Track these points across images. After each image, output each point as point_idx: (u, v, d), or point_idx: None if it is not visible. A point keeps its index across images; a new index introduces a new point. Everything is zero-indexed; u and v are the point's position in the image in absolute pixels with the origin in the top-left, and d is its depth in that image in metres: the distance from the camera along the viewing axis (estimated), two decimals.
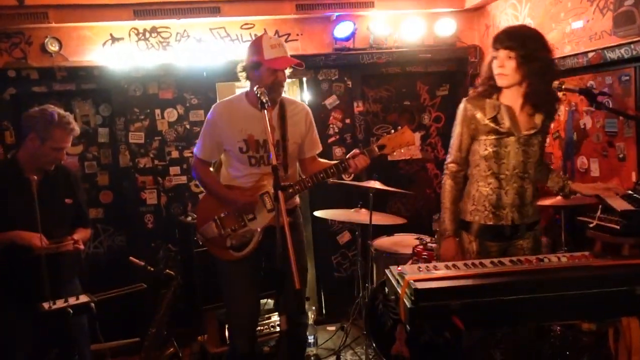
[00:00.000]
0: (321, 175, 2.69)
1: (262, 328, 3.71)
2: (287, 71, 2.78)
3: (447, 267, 2.09)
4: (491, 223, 2.61)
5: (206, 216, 2.85)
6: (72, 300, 2.38)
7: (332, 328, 4.38)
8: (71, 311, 2.35)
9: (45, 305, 2.34)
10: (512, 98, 2.55)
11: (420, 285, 1.81)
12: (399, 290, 1.91)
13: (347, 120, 4.77)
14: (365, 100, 4.87)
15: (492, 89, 2.57)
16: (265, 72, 2.67)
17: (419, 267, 2.12)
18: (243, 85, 2.99)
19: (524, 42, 2.42)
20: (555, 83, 2.40)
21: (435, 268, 2.09)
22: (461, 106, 2.65)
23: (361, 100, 4.79)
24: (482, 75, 2.65)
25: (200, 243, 2.95)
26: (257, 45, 2.71)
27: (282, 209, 2.05)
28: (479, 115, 2.57)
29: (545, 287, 1.80)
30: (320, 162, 2.99)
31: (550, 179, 2.73)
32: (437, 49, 4.73)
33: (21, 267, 2.65)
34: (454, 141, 2.67)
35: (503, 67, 2.48)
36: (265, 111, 2.32)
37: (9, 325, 2.67)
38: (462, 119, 2.62)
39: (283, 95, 2.90)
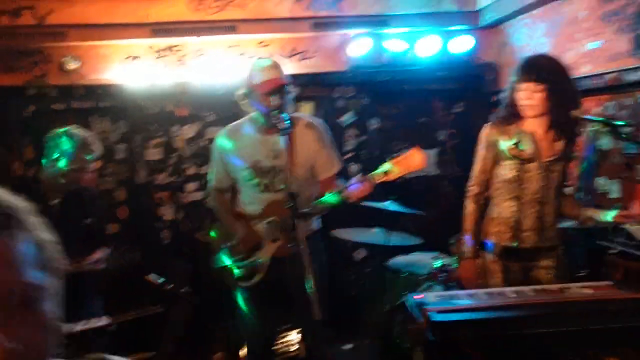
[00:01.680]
0: (322, 206, 2.60)
1: (277, 348, 3.69)
2: (290, 90, 2.67)
3: (468, 296, 2.09)
4: (511, 244, 2.61)
5: (220, 243, 2.87)
6: (92, 323, 2.40)
7: (346, 347, 4.35)
8: (91, 334, 2.36)
9: (65, 327, 2.35)
10: (535, 125, 2.57)
11: (441, 318, 1.80)
12: (419, 321, 1.90)
13: (363, 137, 4.77)
14: (380, 117, 4.86)
15: (515, 116, 2.58)
16: (258, 97, 2.60)
17: (439, 296, 2.12)
18: None
19: (552, 75, 2.44)
20: (578, 113, 2.39)
21: (456, 297, 2.09)
22: (484, 131, 2.67)
23: (377, 117, 4.79)
24: (504, 100, 2.65)
25: (215, 268, 2.94)
26: (248, 71, 2.67)
27: (300, 236, 2.05)
28: (501, 140, 2.59)
29: (570, 321, 1.79)
30: (337, 184, 2.80)
31: (566, 205, 2.71)
32: (453, 66, 4.72)
33: None
34: (477, 165, 2.69)
35: (531, 99, 2.49)
36: (284, 137, 2.32)
37: None
38: (486, 143, 2.64)
39: (296, 114, 2.84)
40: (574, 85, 2.52)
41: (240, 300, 2.86)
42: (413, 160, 2.43)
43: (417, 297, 2.09)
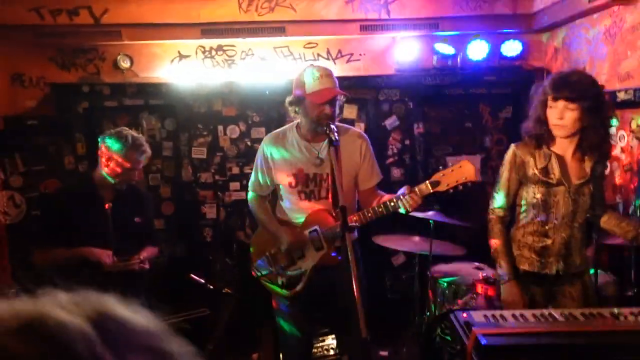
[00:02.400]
0: (369, 215, 2.56)
1: (315, 351, 3.72)
2: (341, 99, 2.65)
3: (514, 318, 2.04)
4: (534, 270, 2.54)
5: (260, 250, 2.85)
6: None
7: (384, 353, 4.34)
8: None
9: None
10: (564, 146, 2.47)
11: (490, 342, 1.77)
12: (466, 342, 1.88)
13: (407, 142, 4.72)
14: (425, 121, 4.80)
15: (544, 137, 2.46)
16: (309, 106, 2.56)
17: (486, 316, 2.08)
18: None
19: (585, 93, 2.31)
20: (637, 133, 2.30)
21: (503, 318, 2.05)
22: (510, 151, 2.57)
23: (421, 122, 4.73)
24: (532, 118, 2.51)
25: (256, 276, 2.91)
26: (299, 78, 2.61)
27: (350, 249, 2.04)
28: (529, 163, 2.49)
29: (622, 351, 1.73)
30: (377, 194, 2.82)
31: (619, 227, 2.50)
32: (503, 70, 4.62)
33: (90, 283, 2.75)
34: (501, 186, 2.60)
35: (563, 118, 2.36)
36: (333, 149, 2.31)
37: None
38: (511, 164, 2.54)
39: (339, 124, 2.83)
40: (608, 105, 2.39)
41: (280, 313, 2.86)
42: (462, 172, 2.40)
43: (463, 315, 2.06)
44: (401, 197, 2.47)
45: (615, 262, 3.68)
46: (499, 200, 2.62)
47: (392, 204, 2.51)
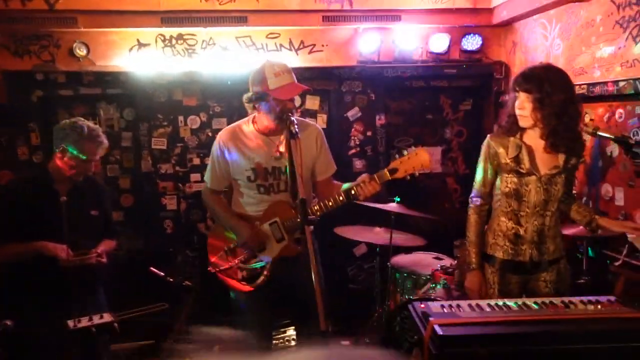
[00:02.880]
0: (330, 204, 2.58)
1: (276, 342, 3.73)
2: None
3: (471, 308, 2.09)
4: (509, 258, 2.62)
5: (217, 246, 2.81)
6: (96, 319, 2.41)
7: (346, 342, 4.38)
8: (95, 330, 2.38)
9: (70, 323, 2.37)
10: (534, 138, 2.56)
11: (446, 332, 1.81)
12: (423, 333, 1.91)
13: (369, 133, 4.75)
14: (387, 113, 4.84)
15: (515, 127, 2.57)
16: (272, 102, 2.58)
17: (442, 306, 2.13)
18: None
19: (540, 85, 2.41)
20: (589, 129, 2.37)
21: (459, 307, 2.09)
22: (485, 142, 2.67)
23: (383, 113, 4.77)
24: (506, 112, 2.66)
25: (214, 272, 2.85)
26: (260, 75, 2.60)
27: (309, 241, 2.05)
28: (501, 153, 2.58)
29: (574, 339, 1.79)
30: (334, 184, 2.86)
31: (577, 212, 2.69)
32: (463, 64, 4.69)
33: (47, 278, 2.69)
34: (478, 176, 2.69)
35: (523, 108, 2.49)
36: (292, 141, 2.31)
37: (36, 335, 2.72)
38: (486, 155, 2.64)
39: (292, 117, 2.84)
40: (569, 98, 2.46)
41: (241, 300, 2.83)
42: (418, 160, 2.46)
43: (421, 306, 2.09)
44: (360, 184, 2.50)
45: (569, 251, 3.80)
46: (476, 189, 2.71)
47: (353, 192, 2.54)
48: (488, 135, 2.69)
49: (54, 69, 4.20)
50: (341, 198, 2.57)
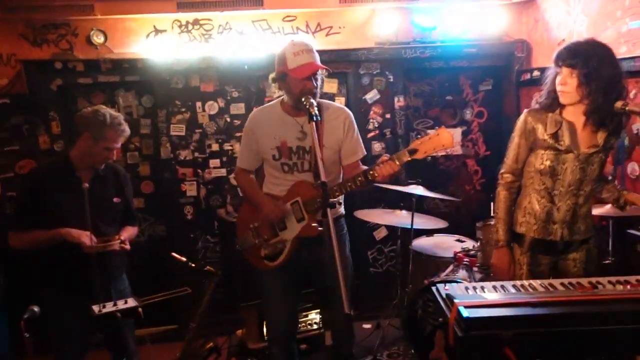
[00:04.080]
0: (349, 184, 2.55)
1: (300, 325, 3.74)
2: (322, 74, 2.66)
3: (495, 289, 2.06)
4: (540, 237, 2.57)
5: (244, 224, 2.87)
6: (120, 304, 2.44)
7: (367, 326, 4.38)
8: (120, 315, 2.40)
9: (95, 308, 2.40)
10: (574, 114, 2.48)
11: (471, 314, 1.78)
12: (448, 315, 1.89)
13: (387, 115, 4.69)
14: (406, 95, 4.78)
15: (555, 103, 2.50)
16: (292, 82, 2.59)
17: (467, 288, 2.10)
18: None
19: (587, 60, 2.32)
20: (619, 104, 2.30)
21: (484, 289, 2.06)
22: (522, 117, 2.59)
23: (402, 95, 4.70)
24: (546, 87, 2.56)
25: (240, 250, 2.93)
26: (281, 55, 2.63)
27: (331, 224, 2.02)
28: (539, 129, 2.51)
29: (602, 320, 1.76)
30: (361, 169, 2.77)
31: (606, 190, 2.66)
32: (483, 43, 4.60)
33: (71, 264, 2.72)
34: (511, 152, 2.62)
35: (565, 84, 2.40)
36: (313, 123, 2.29)
37: (61, 321, 2.77)
38: (522, 130, 2.56)
39: (323, 100, 2.82)
40: (617, 74, 2.37)
41: (265, 280, 2.86)
42: (439, 140, 2.37)
43: (445, 288, 2.07)
44: (379, 165, 2.46)
45: (596, 234, 3.74)
46: (508, 165, 2.65)
47: (371, 172, 2.49)
48: (525, 110, 2.61)
49: (72, 57, 4.21)
50: (360, 179, 2.53)
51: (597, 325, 1.76)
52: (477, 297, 1.94)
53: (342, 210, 2.91)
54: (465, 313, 1.77)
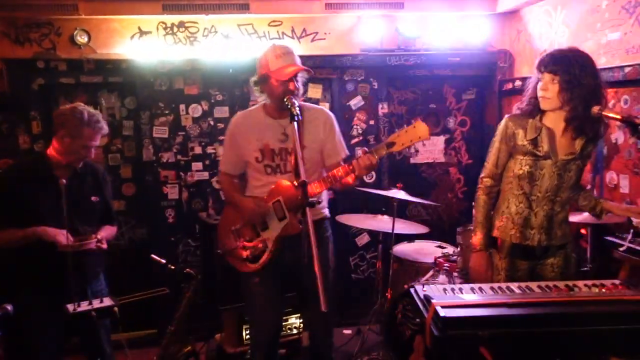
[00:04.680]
0: (329, 180, 2.61)
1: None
2: (304, 76, 2.72)
3: (473, 291, 2.07)
4: (517, 242, 2.59)
5: (226, 228, 2.86)
6: (96, 303, 2.41)
7: (348, 331, 4.37)
8: (95, 314, 2.37)
9: (70, 307, 2.36)
10: (555, 120, 2.51)
11: (448, 313, 1.78)
12: (425, 315, 1.89)
13: (371, 122, 4.72)
14: (390, 102, 4.81)
15: (536, 109, 2.53)
16: (274, 84, 2.64)
17: (445, 289, 2.10)
18: None
19: (569, 67, 2.37)
20: (595, 109, 2.33)
21: (462, 291, 2.07)
22: (502, 122, 2.62)
23: (386, 102, 4.73)
24: (527, 94, 2.59)
25: (222, 254, 2.92)
26: (263, 58, 2.69)
27: (310, 223, 2.02)
28: (519, 134, 2.54)
29: (576, 321, 1.77)
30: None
31: (582, 197, 2.69)
32: (466, 52, 4.65)
33: (46, 263, 2.68)
34: (491, 156, 2.65)
35: (546, 90, 2.44)
36: (295, 124, 2.31)
37: (36, 321, 2.71)
38: (502, 135, 2.60)
39: (304, 103, 2.87)
40: (597, 81, 2.41)
41: (250, 285, 2.83)
42: (416, 132, 2.41)
43: (423, 290, 2.07)
44: (357, 158, 2.50)
45: (575, 241, 3.77)
46: (487, 170, 2.68)
47: (351, 167, 2.53)
48: (506, 116, 2.64)
49: (55, 56, 4.17)
50: (339, 173, 2.57)
51: (572, 326, 1.78)
52: (454, 298, 1.95)
53: (326, 212, 2.93)
54: (442, 312, 1.78)
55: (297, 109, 2.42)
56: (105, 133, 2.84)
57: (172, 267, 3.17)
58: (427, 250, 3.80)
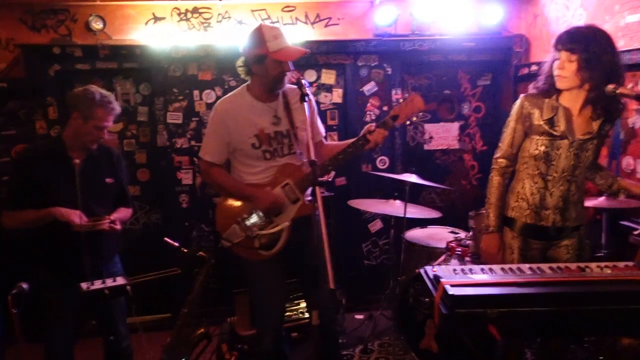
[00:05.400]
0: (340, 156, 2.62)
1: (290, 314, 3.74)
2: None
3: (483, 271, 2.06)
4: (532, 222, 2.56)
5: (228, 221, 2.77)
6: (109, 282, 2.43)
7: (360, 316, 4.38)
8: (108, 292, 2.40)
9: (84, 285, 2.39)
10: (571, 100, 2.47)
11: (456, 292, 1.78)
12: (434, 294, 1.89)
13: (385, 108, 4.69)
14: (404, 88, 4.78)
15: (552, 88, 2.48)
16: (271, 64, 2.58)
17: (455, 270, 2.09)
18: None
19: (587, 45, 2.31)
20: (610, 87, 2.29)
21: (472, 271, 2.06)
22: (518, 102, 2.58)
23: (400, 88, 4.70)
24: (543, 72, 2.54)
25: (226, 247, 2.83)
26: (258, 36, 2.59)
27: (319, 203, 2.02)
28: (535, 114, 2.50)
29: (586, 300, 1.75)
30: (330, 144, 2.96)
31: (599, 176, 2.66)
32: (482, 37, 4.60)
33: (62, 244, 2.72)
34: (506, 136, 2.62)
35: (563, 69, 2.39)
36: (305, 104, 2.30)
37: (52, 301, 2.77)
38: (518, 115, 2.56)
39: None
40: (616, 60, 2.35)
41: (257, 272, 2.82)
42: (414, 104, 2.60)
43: (433, 270, 2.07)
44: (367, 132, 2.60)
45: (590, 227, 3.73)
46: (502, 150, 2.65)
47: (361, 142, 2.60)
48: (522, 95, 2.60)
49: (70, 43, 4.21)
50: (350, 149, 2.62)
51: (583, 305, 1.76)
52: (464, 277, 1.94)
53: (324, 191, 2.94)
54: (451, 291, 1.77)
55: (308, 89, 2.40)
56: (118, 114, 2.85)
57: (185, 251, 3.20)
58: (440, 236, 3.78)
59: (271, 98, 2.71)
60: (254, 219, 2.74)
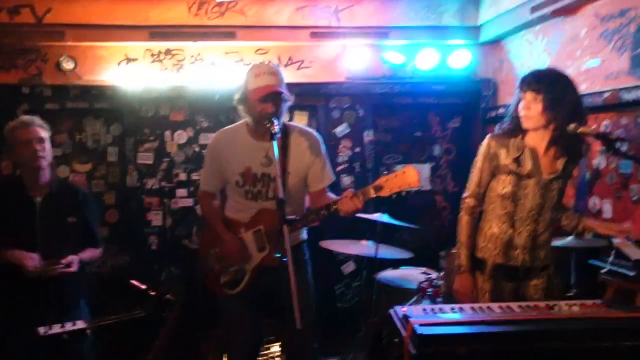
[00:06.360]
0: (312, 217, 2.55)
1: (260, 359, 3.63)
2: (286, 99, 2.60)
3: (453, 310, 2.04)
4: (501, 262, 2.55)
5: (208, 246, 2.80)
6: (68, 326, 2.34)
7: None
8: (66, 337, 2.30)
9: (41, 330, 2.29)
10: (537, 140, 2.51)
11: (425, 331, 1.75)
12: (403, 334, 1.85)
13: (357, 149, 4.73)
14: (375, 130, 4.83)
15: (518, 128, 2.52)
16: (251, 103, 2.55)
17: (424, 309, 2.07)
18: None
19: (551, 86, 2.38)
20: (571, 126, 2.34)
21: (441, 310, 2.04)
22: (485, 142, 2.61)
23: (372, 130, 4.76)
24: (509, 113, 2.60)
25: (200, 272, 2.85)
26: (245, 76, 2.63)
27: (286, 243, 2.00)
28: (502, 153, 2.53)
29: (555, 338, 1.73)
30: (329, 198, 2.75)
31: (565, 217, 2.68)
32: (451, 81, 4.71)
33: (19, 286, 2.61)
34: (474, 176, 2.63)
35: (529, 109, 2.44)
36: (275, 142, 2.28)
37: (8, 350, 2.63)
38: (485, 155, 2.58)
39: (291, 123, 2.83)
40: (579, 101, 2.43)
41: (227, 306, 2.78)
42: (405, 178, 2.34)
43: (402, 309, 2.03)
44: (342, 200, 2.43)
45: (559, 266, 3.74)
46: (470, 190, 2.65)
47: (335, 206, 2.46)
48: (488, 135, 2.63)
49: (40, 82, 4.18)
50: (323, 212, 2.51)
51: (551, 343, 1.74)
52: (433, 317, 1.91)
53: (304, 235, 2.87)
54: (420, 330, 1.74)
55: (277, 127, 2.38)
56: (39, 123, 2.75)
57: (153, 293, 3.12)
58: (412, 277, 3.75)
59: (264, 137, 2.58)
60: (222, 254, 2.73)
